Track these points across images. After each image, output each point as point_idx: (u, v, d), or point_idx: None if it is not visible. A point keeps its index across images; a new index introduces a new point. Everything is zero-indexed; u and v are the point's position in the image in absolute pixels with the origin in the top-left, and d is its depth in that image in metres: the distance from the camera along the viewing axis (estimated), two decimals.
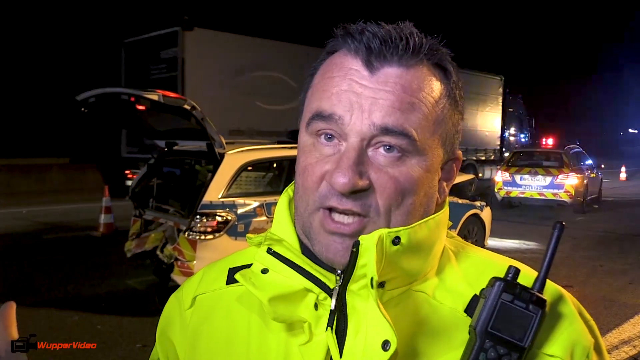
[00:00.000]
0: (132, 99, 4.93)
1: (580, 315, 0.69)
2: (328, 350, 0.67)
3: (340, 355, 0.66)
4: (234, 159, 5.28)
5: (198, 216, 5.00)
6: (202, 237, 4.97)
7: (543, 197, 13.07)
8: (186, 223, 5.08)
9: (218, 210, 5.06)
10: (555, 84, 61.05)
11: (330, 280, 0.69)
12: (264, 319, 0.74)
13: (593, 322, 0.71)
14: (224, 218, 5.05)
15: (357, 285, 0.66)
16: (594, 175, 14.39)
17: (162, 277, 5.69)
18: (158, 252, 5.53)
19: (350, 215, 0.67)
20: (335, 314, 0.69)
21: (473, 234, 7.34)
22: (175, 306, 0.86)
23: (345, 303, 0.67)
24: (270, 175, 6.14)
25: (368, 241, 0.64)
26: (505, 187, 13.46)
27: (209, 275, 0.85)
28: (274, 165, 6.06)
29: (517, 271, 0.64)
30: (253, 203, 5.29)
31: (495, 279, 0.63)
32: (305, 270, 0.70)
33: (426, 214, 0.71)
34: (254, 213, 5.25)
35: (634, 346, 4.81)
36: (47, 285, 6.19)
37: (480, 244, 7.20)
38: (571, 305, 0.69)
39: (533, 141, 22.89)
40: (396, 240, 0.65)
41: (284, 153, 5.85)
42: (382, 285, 0.68)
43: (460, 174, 8.40)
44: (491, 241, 8.23)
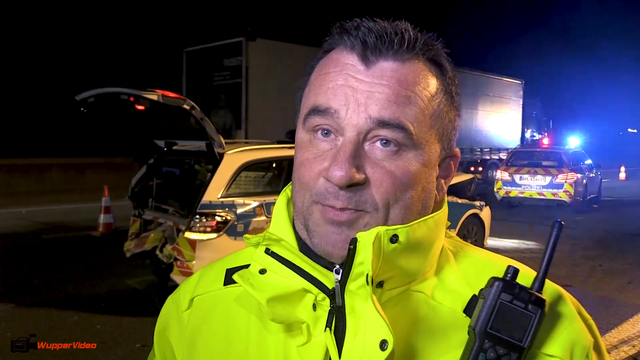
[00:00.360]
0: (132, 99, 4.93)
1: (580, 314, 0.69)
2: (327, 351, 0.67)
3: (339, 356, 0.66)
4: (233, 159, 5.28)
5: (197, 216, 5.00)
6: (202, 237, 4.97)
7: (542, 197, 13.07)
8: (185, 223, 5.08)
9: (217, 210, 5.06)
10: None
11: (329, 279, 0.69)
12: (263, 320, 0.74)
13: (592, 322, 0.71)
14: (224, 218, 5.05)
15: (356, 285, 0.66)
16: (593, 174, 14.38)
17: (162, 277, 5.70)
18: (157, 252, 5.53)
19: (347, 211, 0.67)
20: (334, 315, 0.68)
21: (472, 233, 7.34)
22: (172, 308, 0.85)
23: (344, 303, 0.67)
24: (270, 175, 6.14)
25: (365, 238, 0.64)
26: (505, 187, 13.46)
27: (207, 277, 0.84)
28: (274, 165, 6.06)
29: (516, 271, 0.64)
30: (252, 203, 5.29)
31: (494, 278, 0.63)
32: (304, 270, 0.70)
33: (424, 210, 0.71)
34: (253, 213, 5.25)
35: (634, 346, 4.81)
36: (47, 285, 6.18)
37: (479, 243, 7.20)
38: (570, 305, 0.69)
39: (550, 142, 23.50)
40: (394, 238, 0.65)
41: (283, 153, 5.85)
42: (381, 285, 0.68)
43: (460, 174, 8.43)
44: (491, 241, 8.23)
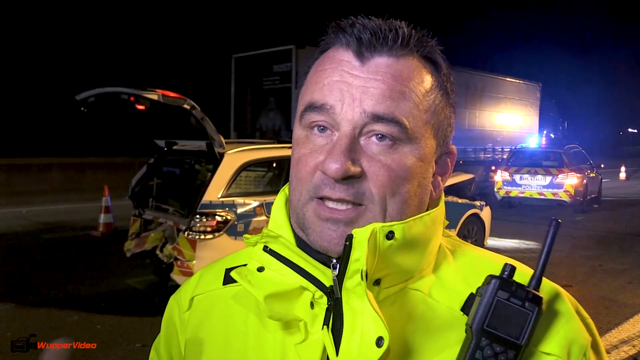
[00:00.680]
0: (132, 99, 4.93)
1: (578, 313, 0.69)
2: (324, 349, 0.67)
3: (337, 354, 0.66)
4: (233, 159, 5.28)
5: (198, 216, 5.00)
6: (202, 237, 4.97)
7: (543, 197, 13.06)
8: (186, 223, 5.08)
9: (218, 210, 5.06)
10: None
11: (327, 276, 0.69)
12: (261, 318, 0.74)
13: (590, 320, 0.71)
14: (224, 218, 5.05)
15: (352, 282, 0.66)
16: (594, 174, 14.37)
17: (162, 277, 5.70)
18: (158, 252, 5.53)
19: (344, 203, 0.67)
20: (332, 312, 0.69)
21: (473, 233, 7.33)
22: (174, 309, 0.86)
23: (341, 301, 0.67)
24: (270, 175, 6.14)
25: (361, 235, 0.64)
26: (505, 187, 13.45)
27: (206, 277, 0.85)
28: (274, 164, 6.06)
29: (513, 269, 0.64)
30: (253, 203, 5.29)
31: (491, 276, 0.63)
32: (302, 268, 0.70)
33: (421, 206, 0.71)
34: (253, 213, 5.25)
35: (634, 345, 4.81)
36: (47, 285, 6.18)
37: (480, 243, 7.20)
38: (568, 303, 0.69)
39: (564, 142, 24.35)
40: (390, 235, 0.65)
41: (283, 153, 5.85)
42: (378, 282, 0.68)
43: (460, 174, 8.41)
44: (491, 241, 8.22)
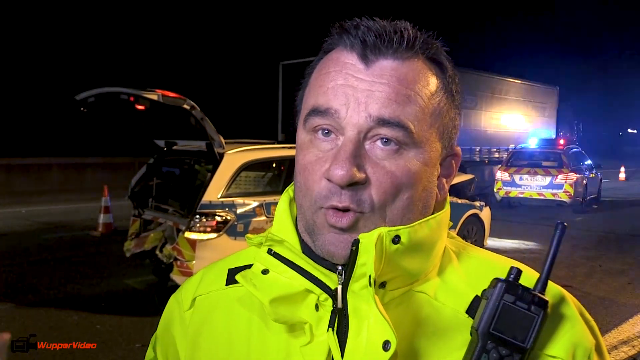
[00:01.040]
0: (132, 99, 4.93)
1: (582, 316, 0.69)
2: (329, 352, 0.67)
3: (342, 357, 0.66)
4: (233, 159, 5.28)
5: (197, 216, 5.00)
6: (202, 237, 4.97)
7: (542, 197, 13.07)
8: (185, 223, 5.08)
9: (217, 210, 5.06)
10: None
11: (332, 279, 0.69)
12: (265, 320, 0.73)
13: (594, 323, 0.71)
14: (224, 218, 5.05)
15: (358, 285, 0.66)
16: (593, 175, 14.38)
17: (162, 277, 5.69)
18: (157, 252, 5.53)
19: (349, 209, 0.67)
20: (337, 315, 0.68)
21: (472, 234, 7.34)
22: (175, 307, 0.85)
23: (347, 304, 0.67)
24: (270, 175, 6.14)
25: (367, 239, 0.64)
26: (505, 187, 13.45)
27: (209, 276, 0.84)
28: (274, 165, 6.06)
29: (519, 272, 0.64)
30: (252, 203, 5.29)
31: (497, 279, 0.63)
32: (306, 271, 0.70)
33: (425, 210, 0.71)
34: (253, 213, 5.25)
35: (633, 346, 4.81)
36: (47, 285, 6.18)
37: (479, 244, 7.20)
38: (573, 307, 0.69)
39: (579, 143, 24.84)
40: (396, 239, 0.65)
41: (283, 153, 5.85)
42: (384, 285, 0.67)
43: (460, 174, 8.42)
44: (490, 241, 8.23)
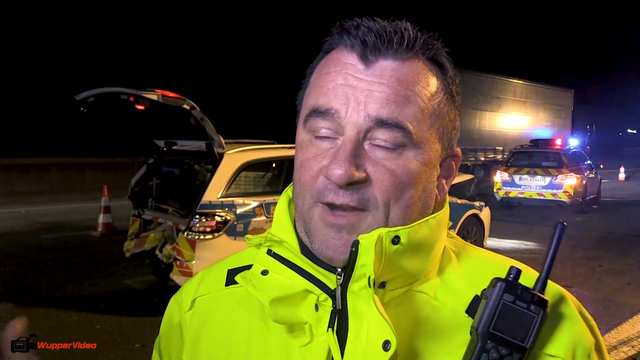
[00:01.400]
0: (132, 99, 4.93)
1: (582, 315, 0.69)
2: (329, 352, 0.67)
3: (342, 357, 0.66)
4: (233, 159, 5.27)
5: (197, 216, 4.99)
6: (201, 237, 4.97)
7: (542, 198, 13.07)
8: (185, 223, 5.08)
9: (217, 210, 5.05)
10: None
11: (331, 280, 0.69)
12: (265, 320, 0.73)
13: (594, 323, 0.71)
14: (223, 218, 5.05)
15: (358, 286, 0.66)
16: (593, 175, 14.38)
17: (161, 277, 5.70)
18: (157, 252, 5.53)
19: (347, 208, 0.66)
20: (337, 315, 0.68)
21: (472, 234, 7.34)
22: (175, 309, 0.85)
23: (346, 304, 0.67)
24: (270, 175, 6.14)
25: (367, 240, 0.64)
26: (504, 188, 13.46)
27: (208, 277, 0.85)
28: (273, 165, 6.06)
29: (519, 271, 0.64)
30: (252, 203, 5.28)
31: (497, 279, 0.63)
32: (306, 271, 0.70)
33: (425, 210, 0.71)
34: (253, 213, 5.25)
35: (633, 346, 4.81)
36: (47, 285, 6.18)
37: (479, 244, 7.20)
38: (572, 306, 0.69)
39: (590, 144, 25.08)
40: (396, 240, 0.65)
41: (283, 153, 5.85)
42: (383, 285, 0.67)
43: (459, 174, 8.42)
44: (490, 241, 8.23)
